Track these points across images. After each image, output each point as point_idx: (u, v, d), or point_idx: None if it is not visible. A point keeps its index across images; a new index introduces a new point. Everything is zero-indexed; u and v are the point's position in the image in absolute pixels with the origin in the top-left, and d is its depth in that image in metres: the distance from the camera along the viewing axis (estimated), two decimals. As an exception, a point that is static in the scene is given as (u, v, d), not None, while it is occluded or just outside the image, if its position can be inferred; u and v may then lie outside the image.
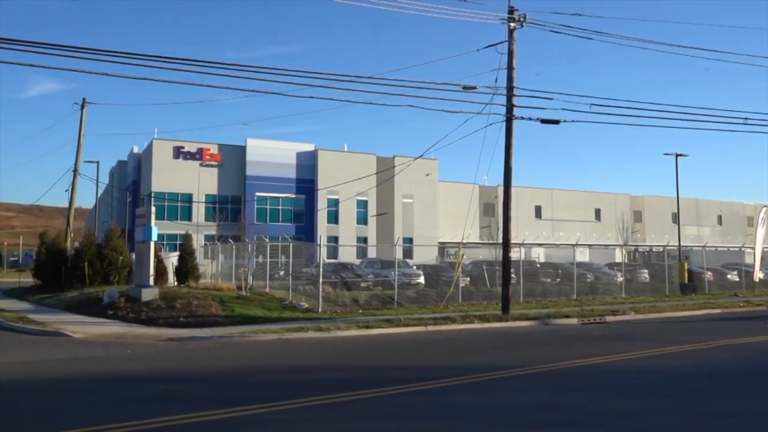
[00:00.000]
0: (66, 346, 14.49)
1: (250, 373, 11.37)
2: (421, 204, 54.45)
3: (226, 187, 49.43)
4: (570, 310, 22.65)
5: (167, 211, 45.99)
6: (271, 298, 22.66)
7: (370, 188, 48.43)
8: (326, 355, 13.49)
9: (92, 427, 7.19)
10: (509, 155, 20.66)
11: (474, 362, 12.38)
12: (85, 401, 8.83)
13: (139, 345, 14.73)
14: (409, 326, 18.06)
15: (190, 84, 18.97)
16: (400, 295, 23.71)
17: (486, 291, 26.24)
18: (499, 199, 50.00)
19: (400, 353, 13.83)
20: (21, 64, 15.59)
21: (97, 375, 11.07)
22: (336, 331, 16.81)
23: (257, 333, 16.26)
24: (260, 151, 50.25)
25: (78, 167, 32.91)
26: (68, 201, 33.22)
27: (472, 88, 19.65)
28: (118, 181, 56.25)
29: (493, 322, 19.31)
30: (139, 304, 19.64)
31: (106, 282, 26.60)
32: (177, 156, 48.08)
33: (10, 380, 10.48)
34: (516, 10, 20.29)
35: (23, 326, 17.60)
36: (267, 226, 46.04)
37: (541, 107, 20.37)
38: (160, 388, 9.91)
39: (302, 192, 51.25)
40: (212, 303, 19.95)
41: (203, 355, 13.52)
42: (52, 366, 11.86)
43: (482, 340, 15.98)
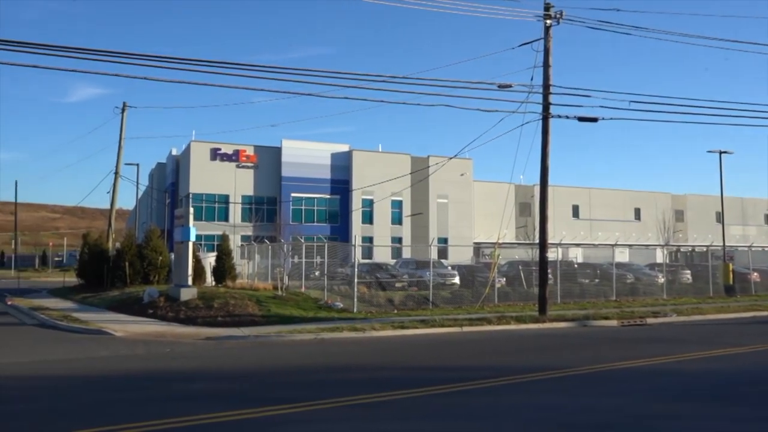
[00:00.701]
0: (108, 344, 14.84)
1: (287, 372, 11.45)
2: (456, 204, 54.15)
3: (262, 188, 50.00)
4: (609, 311, 22.20)
5: (205, 212, 46.76)
6: (307, 298, 22.81)
7: (405, 188, 48.36)
8: (361, 355, 13.50)
9: (132, 423, 7.33)
10: (546, 154, 20.37)
11: (510, 364, 12.22)
12: (125, 398, 9.02)
13: (178, 344, 14.99)
14: (444, 327, 17.95)
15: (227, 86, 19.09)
16: (435, 295, 23.60)
17: (522, 292, 25.92)
18: (535, 199, 49.38)
19: (435, 354, 13.75)
20: (64, 70, 16.05)
21: (138, 373, 11.30)
22: (371, 331, 16.82)
23: (293, 333, 16.38)
24: (295, 152, 50.69)
25: (119, 169, 33.76)
26: (110, 202, 34.13)
27: (508, 86, 19.44)
28: (157, 182, 57.46)
29: (529, 324, 19.05)
30: (178, 303, 19.99)
31: (146, 281, 27.18)
32: (214, 158, 48.85)
33: (55, 377, 10.78)
34: (552, 6, 20.01)
35: (68, 324, 18.09)
36: (302, 227, 46.40)
37: (578, 105, 19.94)
38: (199, 386, 10.05)
39: (337, 192, 51.49)
40: (249, 303, 20.18)
41: (240, 354, 13.68)
42: (95, 363, 12.15)
43: (519, 342, 15.77)
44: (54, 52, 14.11)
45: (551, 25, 20.01)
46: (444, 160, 33.18)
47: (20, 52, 13.92)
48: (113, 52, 14.75)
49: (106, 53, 14.69)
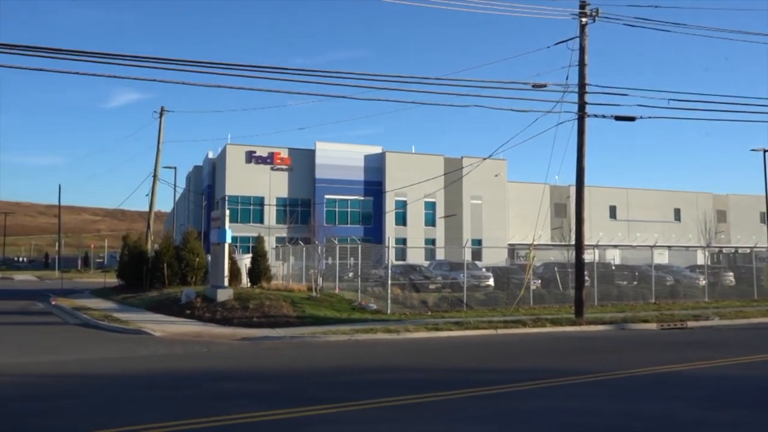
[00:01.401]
0: (147, 343, 15.14)
1: (321, 373, 11.51)
2: (490, 205, 53.73)
3: (296, 190, 50.44)
4: (648, 314, 21.72)
5: (240, 214, 47.41)
6: (341, 300, 22.91)
7: (438, 190, 48.20)
8: (395, 357, 13.49)
9: (169, 422, 7.46)
10: (582, 154, 20.06)
11: (545, 366, 12.05)
12: (163, 396, 9.19)
13: (215, 344, 15.21)
14: (478, 329, 17.81)
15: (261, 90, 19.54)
16: (469, 297, 23.45)
17: (558, 294, 25.57)
18: (571, 200, 48.64)
19: (469, 356, 13.65)
20: (105, 76, 16.45)
21: (176, 372, 11.50)
22: (405, 332, 16.79)
23: (327, 334, 16.46)
24: (329, 155, 51.00)
25: (157, 173, 34.47)
26: (148, 205, 34.86)
27: (542, 86, 19.21)
28: (194, 185, 58.51)
29: (565, 326, 18.77)
30: (215, 304, 20.29)
31: (184, 282, 27.66)
32: (249, 160, 49.48)
33: (97, 375, 11.05)
34: (588, 4, 19.71)
35: (108, 324, 18.53)
36: (336, 228, 46.66)
37: (614, 104, 19.58)
38: (235, 385, 10.18)
39: (370, 194, 51.61)
40: (284, 304, 20.36)
41: (276, 354, 13.80)
42: (135, 362, 12.42)
43: (554, 344, 15.55)
44: (95, 58, 14.48)
45: (587, 24, 19.71)
46: (478, 160, 32.95)
47: (62, 59, 14.34)
48: (151, 58, 15.07)
49: (144, 59, 15.02)
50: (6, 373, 11.01)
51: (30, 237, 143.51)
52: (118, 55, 14.64)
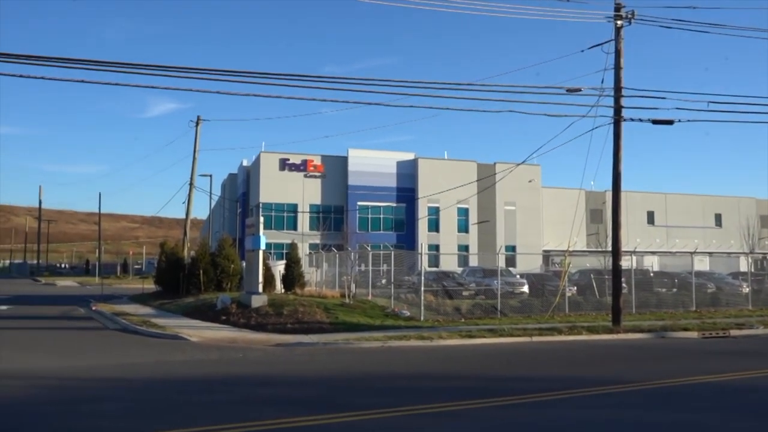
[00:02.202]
0: (184, 348, 15.39)
1: (355, 379, 11.52)
2: (523, 211, 53.19)
3: (329, 197, 50.74)
4: (689, 322, 21.17)
5: (274, 221, 47.89)
6: (374, 306, 22.92)
7: (471, 196, 47.92)
8: (429, 364, 13.42)
9: (206, 426, 7.56)
10: (618, 159, 19.72)
11: (582, 375, 11.84)
12: (200, 401, 9.32)
13: (250, 349, 15.36)
14: (513, 336, 17.62)
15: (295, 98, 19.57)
16: (503, 304, 23.21)
17: (595, 301, 25.12)
18: (607, 205, 47.84)
19: (504, 364, 13.51)
20: (143, 87, 16.85)
21: (212, 377, 11.65)
22: (438, 339, 16.70)
23: (360, 340, 16.48)
24: (361, 161, 51.20)
25: (193, 181, 35.09)
26: (185, 212, 35.47)
27: (577, 90, 18.96)
28: (229, 192, 59.35)
29: (602, 334, 18.42)
30: (249, 310, 20.51)
31: (219, 289, 28.05)
32: (283, 168, 50.01)
33: (136, 379, 11.27)
34: (623, 6, 19.42)
35: (146, 329, 18.90)
36: (369, 235, 46.76)
37: (652, 107, 19.22)
38: (270, 391, 10.27)
39: (403, 201, 51.62)
40: (317, 310, 20.47)
41: (309, 360, 13.88)
42: (172, 367, 12.63)
43: (591, 353, 15.28)
44: (134, 70, 14.84)
45: (622, 26, 19.41)
46: (511, 166, 32.67)
47: (102, 71, 14.72)
48: (188, 68, 15.37)
49: (181, 69, 15.32)
50: (48, 376, 11.32)
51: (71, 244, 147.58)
52: (155, 66, 14.98)
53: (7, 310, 26.06)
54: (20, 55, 13.74)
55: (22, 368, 12.09)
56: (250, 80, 15.77)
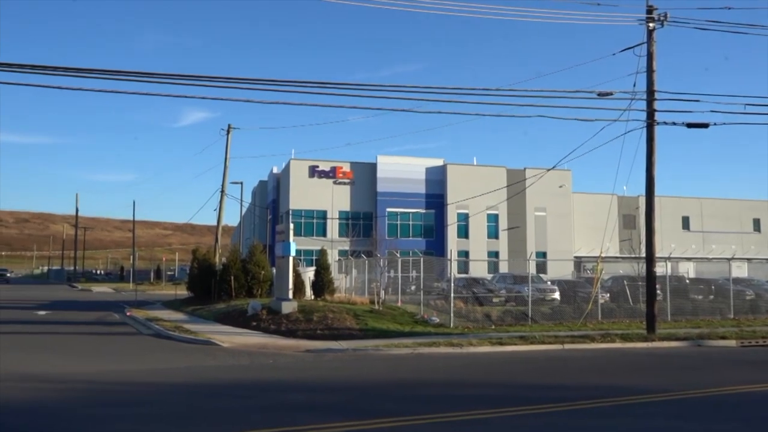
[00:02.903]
0: (216, 354, 15.56)
1: (385, 385, 11.49)
2: (554, 217, 52.57)
3: (359, 203, 50.87)
4: (726, 330, 20.62)
5: (304, 228, 48.19)
6: (403, 313, 22.86)
7: (501, 202, 47.54)
8: (459, 371, 13.32)
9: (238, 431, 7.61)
10: (651, 163, 19.36)
11: (615, 384, 11.61)
12: (231, 406, 9.38)
13: (280, 355, 15.46)
14: (544, 343, 17.38)
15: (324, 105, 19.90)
16: (534, 311, 22.93)
17: (628, 308, 24.64)
18: (640, 210, 46.99)
19: (535, 371, 13.33)
20: (176, 96, 17.16)
21: (243, 382, 11.75)
22: (468, 346, 16.58)
23: (390, 347, 16.44)
24: (390, 168, 51.25)
25: (225, 188, 35.57)
26: (216, 219, 35.96)
27: (608, 94, 18.69)
28: (259, 199, 59.94)
29: (636, 342, 18.05)
30: (280, 316, 20.65)
31: (250, 295, 28.31)
32: (312, 175, 50.33)
33: (168, 383, 11.43)
34: (655, 9, 19.10)
35: (179, 335, 19.16)
36: (398, 241, 46.71)
37: (686, 110, 18.82)
38: (300, 397, 10.30)
39: (432, 207, 51.48)
40: (347, 316, 20.50)
41: (339, 366, 13.89)
42: (204, 372, 12.77)
43: (625, 361, 14.98)
44: (167, 80, 15.13)
45: (654, 29, 19.09)
46: (541, 171, 32.34)
47: (137, 81, 15.03)
48: (219, 78, 15.60)
49: (212, 78, 15.56)
50: (83, 380, 11.55)
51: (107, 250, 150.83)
52: (188, 76, 15.25)
53: (45, 316, 26.71)
54: (59, 67, 14.12)
55: (60, 372, 12.36)
56: (280, 89, 15.93)
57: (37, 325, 22.81)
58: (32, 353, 15.35)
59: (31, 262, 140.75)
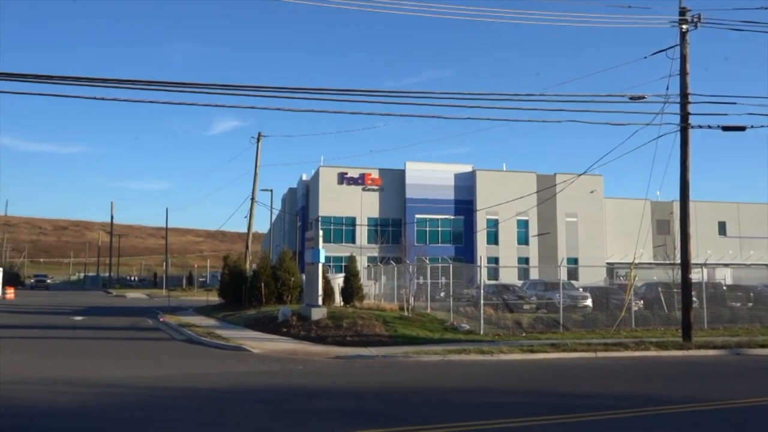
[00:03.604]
0: (246, 360, 15.70)
1: (415, 392, 11.44)
2: (585, 222, 51.87)
3: (387, 210, 50.93)
4: (767, 338, 20.03)
5: (333, 235, 48.42)
6: (433, 319, 22.77)
7: (531, 207, 47.13)
8: (489, 378, 13.20)
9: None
10: (686, 167, 18.98)
11: (650, 393, 11.37)
12: (261, 412, 9.46)
13: (310, 361, 15.52)
14: (576, 351, 17.11)
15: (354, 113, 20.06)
16: (565, 318, 22.62)
17: (663, 316, 24.14)
18: (674, 216, 46.08)
19: (568, 379, 13.13)
20: (208, 105, 17.44)
21: (273, 388, 11.82)
22: (499, 354, 16.42)
23: (420, 353, 16.38)
24: (419, 174, 51.23)
25: (255, 195, 35.97)
26: (247, 226, 36.36)
27: (641, 98, 18.41)
28: (289, 206, 60.46)
29: (672, 350, 17.65)
30: (309, 322, 20.75)
31: (280, 301, 28.51)
32: (341, 182, 50.58)
33: (201, 389, 11.56)
34: (688, 10, 18.76)
35: (211, 341, 19.39)
36: (427, 248, 46.56)
37: (721, 113, 18.42)
38: (330, 403, 10.33)
39: (461, 213, 51.26)
40: (376, 323, 20.50)
41: (368, 373, 13.89)
42: (235, 378, 12.89)
43: (660, 369, 14.66)
44: (199, 89, 15.40)
45: (688, 30, 18.75)
46: (572, 177, 31.95)
47: (170, 91, 15.34)
48: (250, 87, 15.82)
49: (243, 87, 15.79)
50: (118, 384, 11.76)
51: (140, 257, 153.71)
52: (219, 85, 15.49)
53: (81, 321, 27.31)
54: (95, 78, 14.49)
55: (95, 376, 12.61)
56: (309, 96, 16.09)
57: (73, 330, 23.33)
58: (68, 358, 15.70)
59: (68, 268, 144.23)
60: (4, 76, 13.91)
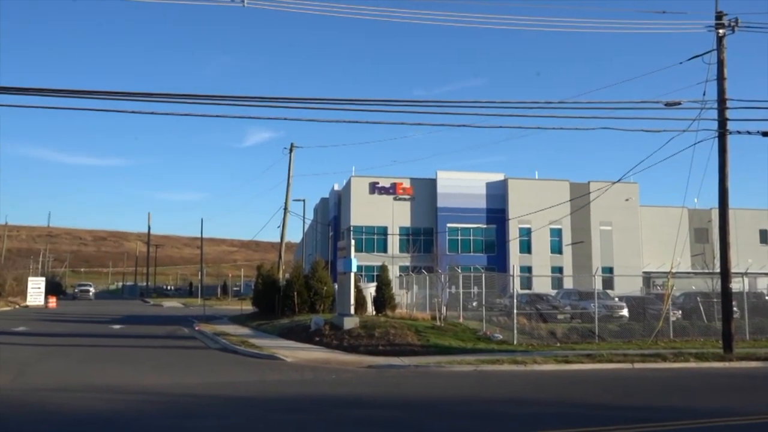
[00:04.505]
0: (280, 368, 15.84)
1: (446, 403, 11.39)
2: (620, 231, 50.99)
3: (419, 219, 50.88)
4: (812, 350, 19.37)
5: (365, 244, 48.54)
6: (465, 329, 22.63)
7: (564, 216, 46.51)
8: (523, 389, 13.06)
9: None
10: (724, 174, 18.54)
11: (690, 405, 11.10)
12: (294, 420, 9.54)
13: (342, 371, 15.58)
14: (612, 362, 16.81)
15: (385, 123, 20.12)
16: (601, 328, 22.25)
17: (702, 326, 23.55)
18: (713, 224, 44.99)
19: (604, 391, 12.90)
20: (242, 117, 17.73)
21: (306, 397, 11.90)
22: (533, 364, 16.23)
23: (452, 363, 16.30)
24: (450, 183, 51.11)
25: (288, 205, 36.34)
26: (280, 236, 36.75)
27: (676, 104, 18.08)
28: (321, 216, 60.88)
29: (712, 362, 17.20)
30: (342, 331, 20.83)
31: (313, 310, 28.69)
32: (372, 191, 50.76)
33: (234, 397, 11.70)
34: (725, 14, 18.40)
35: (245, 349, 19.61)
36: (459, 257, 46.35)
37: (761, 119, 17.97)
38: (363, 412, 10.35)
39: (493, 222, 50.91)
40: (408, 332, 20.47)
41: (401, 382, 13.87)
42: (268, 386, 13.02)
43: (700, 381, 14.31)
44: (233, 102, 15.69)
45: (725, 35, 18.38)
46: (606, 185, 31.48)
47: (204, 104, 15.67)
48: (282, 98, 16.06)
49: (276, 99, 16.02)
50: (155, 391, 12.00)
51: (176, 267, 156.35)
52: (253, 98, 15.76)
53: (119, 330, 27.92)
54: (133, 93, 14.91)
55: (133, 383, 12.88)
56: (341, 107, 16.24)
57: (112, 338, 23.87)
58: (108, 365, 16.07)
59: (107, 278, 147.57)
60: (56, 92, 14.43)
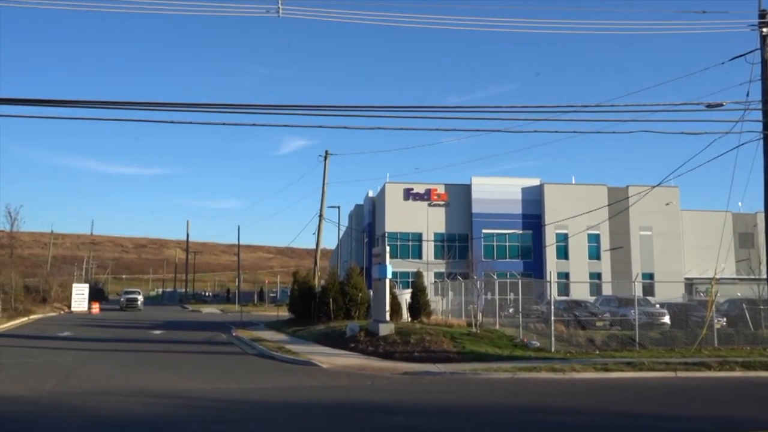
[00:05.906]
0: (316, 374, 15.93)
1: (486, 410, 11.28)
2: (661, 236, 49.85)
3: (453, 225, 50.67)
4: None
5: (399, 250, 48.54)
6: (501, 336, 22.39)
7: (602, 221, 45.72)
8: (562, 398, 12.84)
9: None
10: (770, 177, 17.95)
11: (740, 415, 10.75)
12: (330, 427, 9.57)
13: (378, 377, 15.57)
14: (654, 371, 16.40)
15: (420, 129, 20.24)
16: (641, 336, 21.72)
17: (748, 334, 22.76)
18: (759, 228, 43.58)
19: (647, 400, 12.60)
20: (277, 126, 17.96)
21: (341, 403, 11.93)
22: (571, 372, 15.95)
23: (489, 371, 16.14)
24: (485, 189, 50.79)
25: (323, 212, 36.62)
26: (315, 243, 37.02)
27: (718, 105, 17.61)
28: (356, 223, 61.16)
29: (760, 371, 16.62)
30: (377, 338, 20.83)
31: (348, 317, 28.78)
32: (407, 198, 50.78)
33: (271, 402, 11.82)
34: (769, 12, 17.87)
35: (281, 355, 19.78)
36: (494, 263, 45.95)
37: (809, 119, 17.36)
38: (400, 419, 10.33)
39: (529, 227, 50.35)
40: (444, 339, 20.35)
41: (437, 389, 13.80)
42: (305, 392, 13.10)
43: (748, 391, 13.86)
44: (269, 111, 15.91)
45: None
46: (646, 189, 30.86)
47: (241, 113, 15.93)
48: (317, 107, 16.20)
49: (310, 107, 16.18)
50: (194, 396, 12.19)
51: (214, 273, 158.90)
52: (288, 106, 15.95)
53: (159, 335, 28.48)
54: (172, 103, 15.26)
55: (173, 388, 13.12)
56: (375, 114, 16.30)
57: (152, 343, 24.36)
58: (148, 370, 16.40)
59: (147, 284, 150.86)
60: (102, 104, 14.89)
